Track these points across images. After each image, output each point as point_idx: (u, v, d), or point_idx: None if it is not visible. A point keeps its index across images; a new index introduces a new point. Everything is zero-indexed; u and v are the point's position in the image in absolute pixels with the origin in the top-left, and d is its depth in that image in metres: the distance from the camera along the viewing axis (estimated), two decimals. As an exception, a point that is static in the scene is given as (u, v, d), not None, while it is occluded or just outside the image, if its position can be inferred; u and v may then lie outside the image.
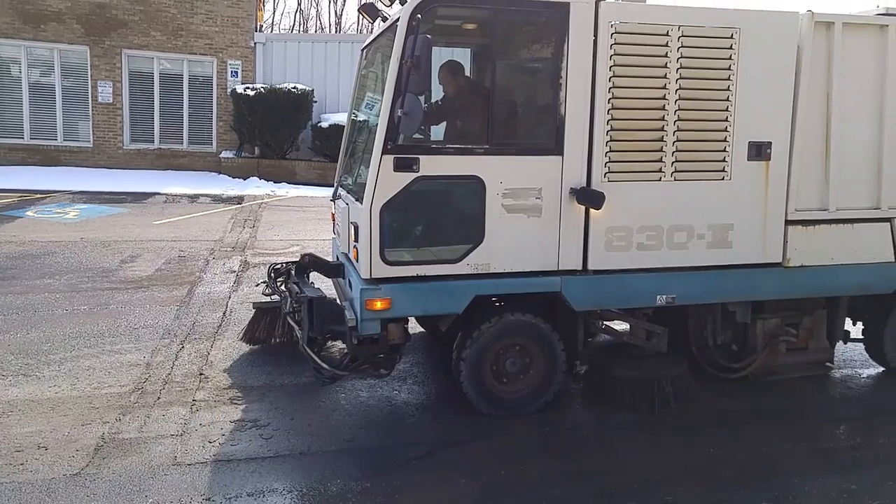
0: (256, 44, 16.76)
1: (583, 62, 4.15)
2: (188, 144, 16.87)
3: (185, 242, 9.41)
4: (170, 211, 11.92)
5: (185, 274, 7.77)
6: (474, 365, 4.36)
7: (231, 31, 16.54)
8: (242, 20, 16.63)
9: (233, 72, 16.57)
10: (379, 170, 3.96)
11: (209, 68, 16.69)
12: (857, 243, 4.83)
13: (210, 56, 16.53)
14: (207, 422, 4.29)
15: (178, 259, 8.46)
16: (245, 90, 15.54)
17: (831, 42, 4.55)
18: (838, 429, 4.59)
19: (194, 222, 10.98)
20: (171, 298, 6.80)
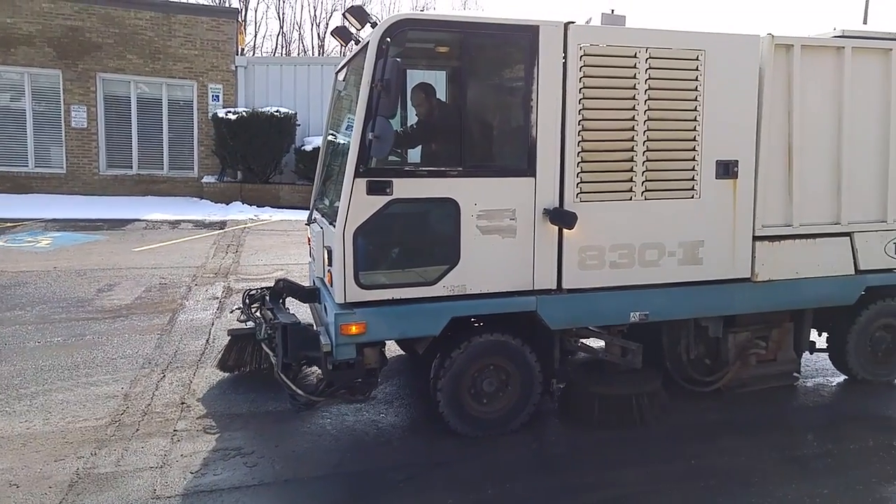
0: (238, 67, 16.82)
1: (553, 84, 4.25)
2: (169, 170, 16.81)
3: (166, 269, 9.32)
4: (150, 237, 11.81)
5: (167, 301, 7.69)
6: (451, 389, 4.38)
7: (211, 55, 16.58)
8: (223, 44, 16.68)
9: (214, 96, 16.58)
10: (352, 193, 4.00)
11: (189, 92, 16.69)
12: (819, 257, 4.98)
13: (190, 80, 16.54)
14: (189, 452, 4.22)
15: (159, 286, 8.37)
16: (227, 114, 15.55)
17: (791, 63, 4.71)
18: (810, 436, 4.69)
19: (176, 248, 10.88)
20: (152, 327, 6.73)
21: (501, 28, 4.21)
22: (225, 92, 16.66)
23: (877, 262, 5.16)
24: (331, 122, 5.61)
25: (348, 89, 5.00)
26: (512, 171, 4.32)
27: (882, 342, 5.52)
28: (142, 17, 16.08)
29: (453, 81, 4.85)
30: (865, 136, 5.00)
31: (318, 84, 16.87)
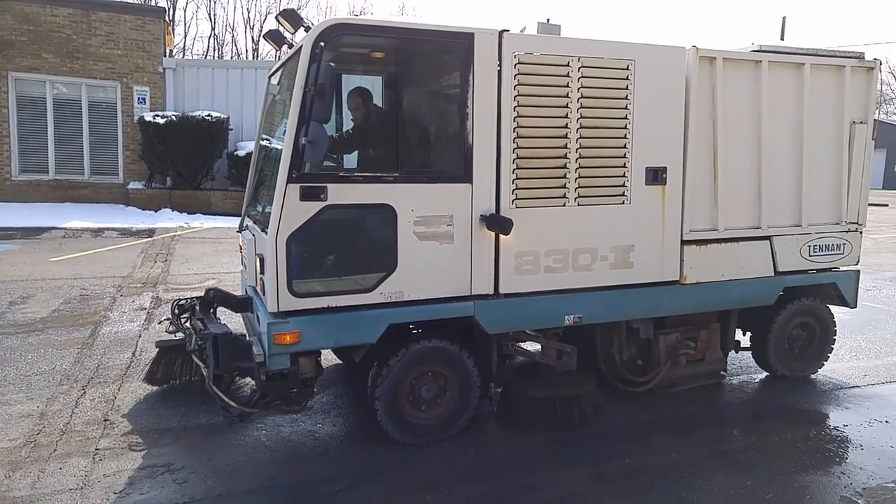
0: (166, 69, 16.27)
1: (488, 91, 4.28)
2: (90, 175, 16.09)
3: (87, 280, 8.89)
4: (69, 247, 11.25)
5: (88, 314, 7.33)
6: (390, 396, 4.36)
7: (136, 55, 15.97)
8: (149, 44, 16.10)
9: (140, 98, 15.98)
10: (284, 199, 3.92)
11: (112, 94, 16.03)
12: (742, 260, 5.21)
13: (113, 81, 15.89)
14: (112, 471, 4.03)
15: (80, 298, 7.97)
16: (154, 118, 15.02)
17: (714, 75, 4.91)
18: (736, 431, 4.87)
19: (99, 258, 10.40)
20: (71, 341, 6.39)
21: (436, 34, 4.21)
22: (152, 94, 16.08)
23: (793, 263, 5.45)
24: (264, 127, 5.50)
25: (282, 93, 4.90)
26: (449, 178, 4.33)
27: (798, 339, 5.84)
28: (59, 13, 15.35)
29: (389, 87, 4.83)
30: (782, 146, 5.26)
31: (252, 88, 16.53)
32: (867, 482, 4.06)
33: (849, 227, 5.64)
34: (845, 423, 5.01)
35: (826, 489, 4.03)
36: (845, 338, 6.96)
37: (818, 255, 5.55)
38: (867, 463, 4.37)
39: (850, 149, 5.51)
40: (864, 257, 6.21)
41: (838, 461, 4.44)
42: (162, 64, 16.25)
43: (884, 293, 9.62)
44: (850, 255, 5.72)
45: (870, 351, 6.83)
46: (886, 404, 5.38)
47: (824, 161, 5.45)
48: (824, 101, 5.37)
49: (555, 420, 4.73)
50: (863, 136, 5.53)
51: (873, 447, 4.60)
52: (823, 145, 5.43)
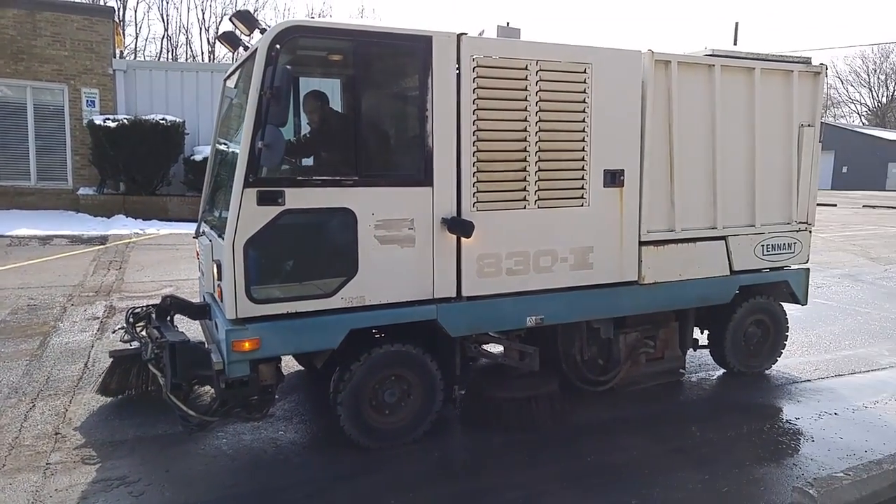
0: (116, 71, 15.82)
1: (447, 94, 4.27)
2: (37, 181, 15.54)
3: (35, 289, 8.59)
4: (15, 255, 10.85)
5: (37, 324, 7.09)
6: (352, 402, 4.32)
7: (84, 57, 15.48)
8: (98, 45, 15.63)
9: (89, 101, 15.49)
10: (241, 204, 3.85)
11: (59, 97, 15.51)
12: (699, 260, 5.32)
13: (60, 83, 15.38)
14: (65, 486, 3.90)
15: (28, 308, 7.70)
16: (105, 121, 14.59)
17: (669, 78, 5.00)
18: (694, 427, 4.95)
19: (48, 267, 10.07)
20: (19, 353, 6.17)
21: (394, 37, 4.19)
22: (102, 97, 15.60)
23: (748, 263, 5.58)
24: (220, 131, 5.40)
25: (238, 97, 4.82)
26: (409, 181, 4.31)
27: (754, 336, 5.98)
28: (2, 14, 14.81)
29: (347, 90, 4.78)
30: (735, 148, 5.39)
31: (208, 91, 16.20)
32: (817, 472, 4.19)
33: (799, 227, 5.80)
34: (797, 417, 5.16)
35: (779, 480, 4.15)
36: (797, 334, 7.15)
37: (771, 255, 5.70)
38: (818, 454, 4.51)
39: (799, 151, 5.67)
40: (813, 256, 6.43)
41: (791, 453, 4.57)
42: (112, 65, 15.80)
43: (833, 290, 9.95)
44: (801, 254, 5.88)
45: (820, 346, 7.04)
46: (836, 397, 5.56)
47: (775, 163, 5.61)
48: (774, 105, 5.52)
49: (518, 421, 4.74)
50: (811, 138, 5.70)
51: (823, 439, 4.75)
52: (774, 147, 5.58)
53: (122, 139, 14.48)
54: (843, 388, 5.80)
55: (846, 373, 6.18)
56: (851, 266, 12.10)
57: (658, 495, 3.92)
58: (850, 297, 9.50)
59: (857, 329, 7.74)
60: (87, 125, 14.90)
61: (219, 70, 16.94)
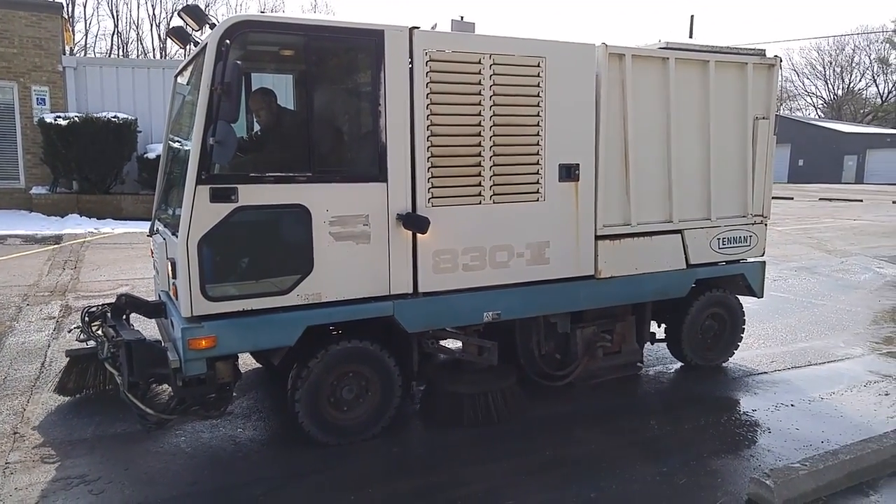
0: (66, 68, 15.46)
1: (400, 89, 4.25)
2: (-11, 180, 15.15)
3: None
4: (-31, 255, 10.63)
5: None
6: (310, 399, 4.30)
7: (33, 53, 15.11)
8: (46, 41, 15.25)
9: (39, 99, 15.14)
10: (194, 201, 3.80)
11: (9, 94, 15.13)
12: (655, 254, 5.37)
13: (9, 81, 14.99)
14: (24, 485, 3.88)
15: (-19, 308, 7.54)
16: (56, 119, 14.27)
17: (624, 72, 5.03)
18: (652, 420, 5.01)
19: (2, 266, 9.90)
20: (-28, 353, 6.05)
21: (345, 31, 4.15)
22: (52, 95, 15.25)
23: (704, 256, 5.64)
24: (172, 128, 5.30)
25: (190, 93, 4.73)
26: (363, 177, 4.28)
27: (710, 330, 6.06)
28: (-52, 10, 14.39)
29: (299, 85, 4.74)
30: (690, 141, 5.44)
31: (160, 88, 15.92)
32: (774, 463, 4.25)
33: (754, 220, 5.88)
34: (754, 409, 5.24)
35: (736, 472, 4.20)
36: (753, 326, 7.29)
37: (727, 248, 5.78)
38: (774, 445, 4.58)
39: (754, 144, 5.74)
40: (770, 249, 6.54)
41: (747, 445, 4.63)
42: (61, 62, 15.43)
43: (789, 282, 10.16)
44: (757, 247, 5.97)
45: (776, 338, 7.17)
46: (792, 389, 5.66)
47: (730, 156, 5.67)
48: (729, 98, 5.57)
49: (476, 415, 4.76)
50: (765, 131, 5.77)
51: (780, 430, 4.82)
52: (729, 140, 5.64)
53: (74, 137, 14.21)
54: (800, 379, 5.89)
55: (802, 364, 6.30)
56: (808, 259, 12.37)
57: (616, 488, 3.96)
58: (807, 289, 9.70)
59: (814, 321, 7.90)
60: (37, 123, 14.58)
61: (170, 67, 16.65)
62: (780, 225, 17.18)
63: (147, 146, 15.28)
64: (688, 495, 3.92)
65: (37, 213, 14.54)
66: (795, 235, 15.68)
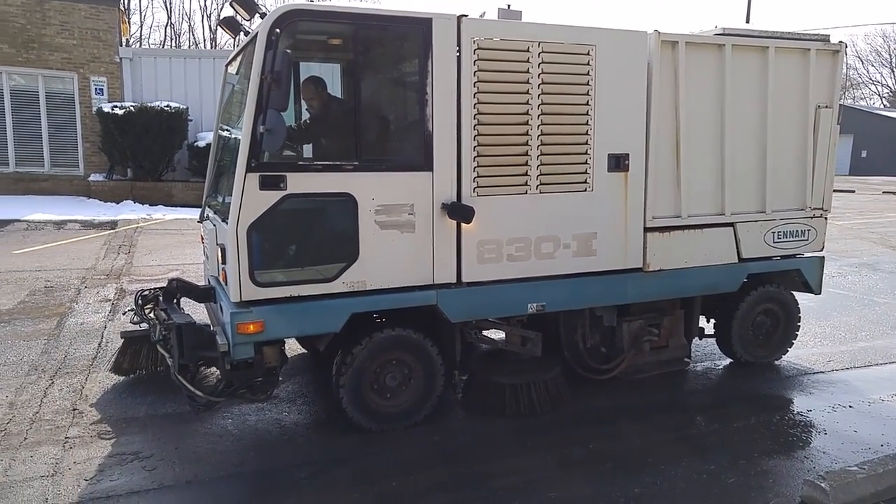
0: (123, 59, 15.90)
1: (448, 78, 4.23)
2: (51, 167, 15.72)
3: (51, 272, 8.78)
4: (32, 239, 11.09)
5: (54, 305, 7.25)
6: (354, 385, 4.34)
7: (92, 45, 15.57)
8: (104, 33, 15.70)
9: (97, 89, 15.61)
10: (244, 189, 3.86)
11: (70, 85, 15.64)
12: (706, 247, 5.21)
13: (69, 71, 15.49)
14: (83, 459, 4.05)
15: (45, 290, 7.89)
16: (113, 109, 14.71)
17: (677, 59, 4.89)
18: (699, 417, 4.91)
19: (62, 250, 10.27)
20: (38, 332, 6.34)
21: (393, 20, 4.15)
22: (110, 85, 15.70)
23: (757, 250, 5.46)
24: (222, 117, 5.40)
25: (239, 82, 4.81)
26: (409, 166, 4.28)
27: (763, 326, 5.87)
28: (11, 3, 14.92)
29: (347, 74, 4.76)
30: (746, 131, 5.25)
31: (210, 78, 16.23)
32: (830, 466, 4.10)
33: (813, 213, 5.66)
34: (809, 409, 5.06)
35: (789, 473, 4.07)
36: (809, 324, 7.06)
37: (782, 242, 5.58)
38: (830, 447, 4.42)
39: (815, 134, 5.51)
40: (829, 244, 6.28)
41: (801, 446, 4.48)
42: (118, 53, 15.86)
43: (849, 279, 9.77)
44: (815, 242, 5.75)
45: (834, 337, 6.91)
46: (850, 389, 5.44)
47: (789, 146, 5.46)
48: (789, 85, 5.37)
49: (519, 406, 4.73)
50: (828, 120, 5.53)
51: (837, 432, 4.65)
52: (788, 130, 5.43)
53: (129, 126, 14.60)
54: (859, 380, 5.67)
55: (862, 364, 6.06)
56: (869, 255, 11.87)
57: (661, 484, 3.89)
58: (868, 286, 9.32)
59: (875, 320, 7.58)
60: (96, 113, 15.04)
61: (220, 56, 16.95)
62: (841, 219, 16.56)
63: (197, 134, 15.61)
64: (737, 495, 3.81)
65: (94, 199, 15.04)
66: (857, 230, 15.09)
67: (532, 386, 4.78)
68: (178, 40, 36.74)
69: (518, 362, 4.88)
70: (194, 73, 16.51)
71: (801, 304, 6.05)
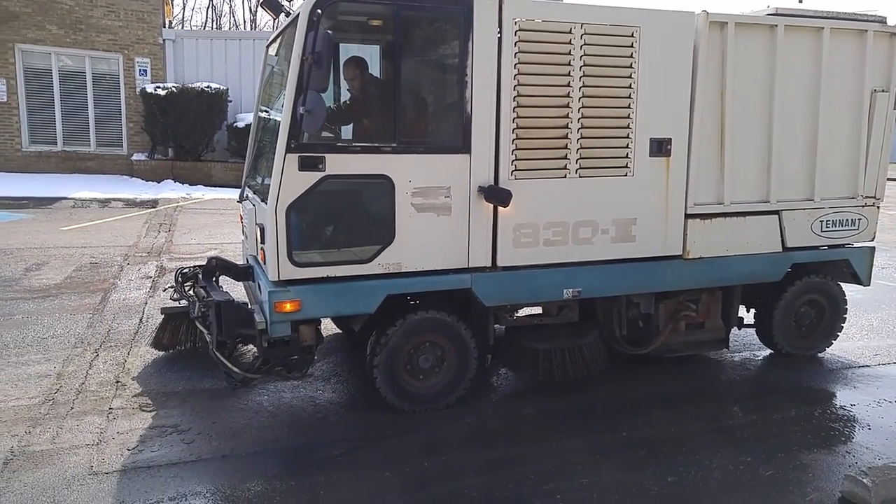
0: (166, 41, 16.15)
1: (488, 59, 4.18)
2: (96, 146, 16.12)
3: (96, 248, 9.05)
4: (79, 216, 11.42)
5: (98, 281, 7.48)
6: (388, 365, 4.36)
7: (136, 27, 15.85)
8: (148, 15, 15.96)
9: (141, 70, 15.91)
10: (283, 169, 3.89)
11: (115, 66, 15.97)
12: (749, 235, 5.07)
13: (115, 53, 15.81)
14: (125, 429, 4.17)
15: (90, 266, 8.14)
16: (156, 89, 14.98)
17: (725, 41, 4.74)
18: (736, 408, 4.82)
19: (106, 227, 10.57)
20: (83, 306, 6.55)
21: (435, 1, 4.11)
22: (153, 66, 16.00)
23: (803, 239, 5.29)
24: (262, 98, 5.44)
25: (280, 63, 4.84)
26: (447, 148, 4.25)
27: (806, 317, 5.70)
28: (57, -16, 15.26)
29: (387, 56, 4.74)
30: (795, 116, 5.07)
31: (250, 59, 16.40)
32: (873, 461, 3.98)
33: (865, 202, 5.45)
34: (852, 403, 4.92)
35: (829, 467, 3.97)
36: (856, 316, 6.84)
37: (830, 231, 5.40)
38: (874, 443, 4.29)
39: (870, 119, 5.30)
40: (880, 234, 6.05)
41: (843, 440, 4.37)
42: (162, 35, 16.12)
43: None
44: (866, 231, 5.54)
45: (882, 330, 6.68)
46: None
47: (841, 132, 5.25)
48: (843, 68, 5.16)
49: (551, 370, 4.75)
50: (884, 105, 5.31)
51: (881, 427, 4.51)
52: (841, 115, 5.22)
53: (171, 106, 14.86)
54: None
55: (911, 359, 5.85)
56: (920, 246, 11.45)
57: (695, 474, 3.83)
58: (918, 278, 8.99)
59: (925, 313, 7.31)
60: (139, 93, 15.35)
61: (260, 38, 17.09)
62: (893, 208, 15.98)
63: (237, 115, 15.79)
64: (774, 488, 3.74)
65: (136, 178, 15.40)
66: (908, 220, 14.54)
67: (566, 351, 4.78)
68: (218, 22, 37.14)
69: (555, 327, 4.87)
70: (235, 54, 16.68)
71: (849, 295, 5.86)
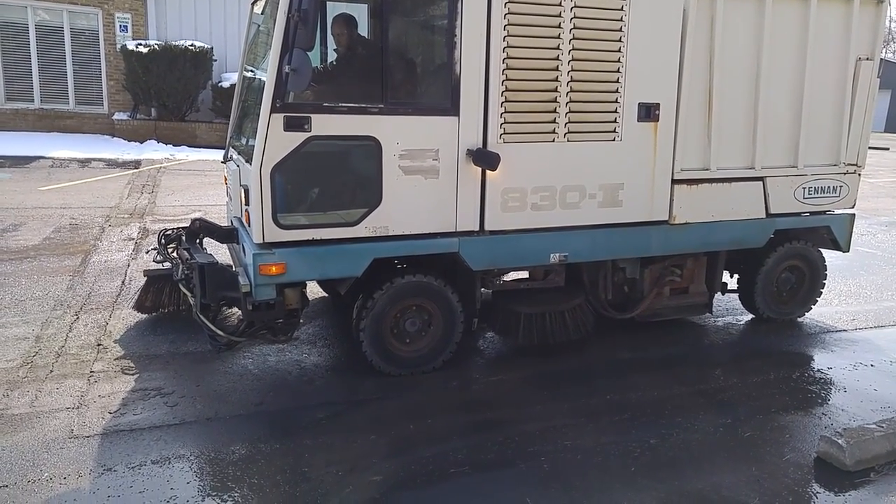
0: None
1: (477, 21, 4.12)
2: (75, 105, 15.72)
3: (76, 209, 8.88)
4: (57, 176, 11.17)
5: (78, 242, 7.36)
6: (374, 329, 4.38)
7: (116, -20, 15.39)
8: (129, -32, 15.48)
9: (121, 26, 15.45)
10: (268, 129, 3.83)
11: (94, 21, 15.48)
12: (734, 201, 5.12)
13: (94, 7, 15.32)
14: (107, 393, 4.14)
15: (70, 227, 7.99)
16: (137, 46, 14.57)
17: (714, 6, 4.71)
18: (718, 371, 4.91)
19: (87, 188, 10.36)
20: (63, 268, 6.44)
21: None
22: (134, 22, 15.52)
23: (786, 206, 5.35)
24: (247, 57, 5.32)
25: (265, 22, 4.72)
26: (435, 110, 4.21)
27: (787, 283, 5.80)
28: (35, -63, 14.71)
29: (375, 15, 4.64)
30: (782, 83, 5.09)
31: (236, 17, 15.99)
32: (848, 423, 4.10)
33: (847, 169, 5.51)
34: (829, 366, 5.04)
35: (806, 428, 4.09)
36: (836, 282, 6.97)
37: (812, 198, 5.46)
38: (850, 405, 4.41)
39: (854, 87, 5.33)
40: (860, 202, 6.13)
41: (820, 402, 4.48)
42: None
43: (878, 238, 9.58)
44: (847, 199, 5.61)
45: (860, 296, 6.82)
46: (873, 348, 5.40)
47: (826, 99, 5.28)
48: (830, 36, 5.16)
49: (531, 334, 4.80)
50: (868, 73, 5.33)
51: (857, 390, 4.64)
52: (826, 82, 5.24)
53: (153, 65, 14.47)
54: (882, 339, 5.62)
55: (887, 324, 5.98)
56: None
57: (677, 436, 3.92)
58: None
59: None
60: (120, 50, 14.93)
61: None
62: (873, 177, 16.12)
63: (222, 75, 15.48)
64: (752, 449, 3.84)
65: (118, 139, 15.07)
66: (889, 188, 14.73)
67: (557, 314, 4.83)
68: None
69: (542, 292, 4.90)
70: (219, 12, 16.26)
71: (829, 261, 5.96)
